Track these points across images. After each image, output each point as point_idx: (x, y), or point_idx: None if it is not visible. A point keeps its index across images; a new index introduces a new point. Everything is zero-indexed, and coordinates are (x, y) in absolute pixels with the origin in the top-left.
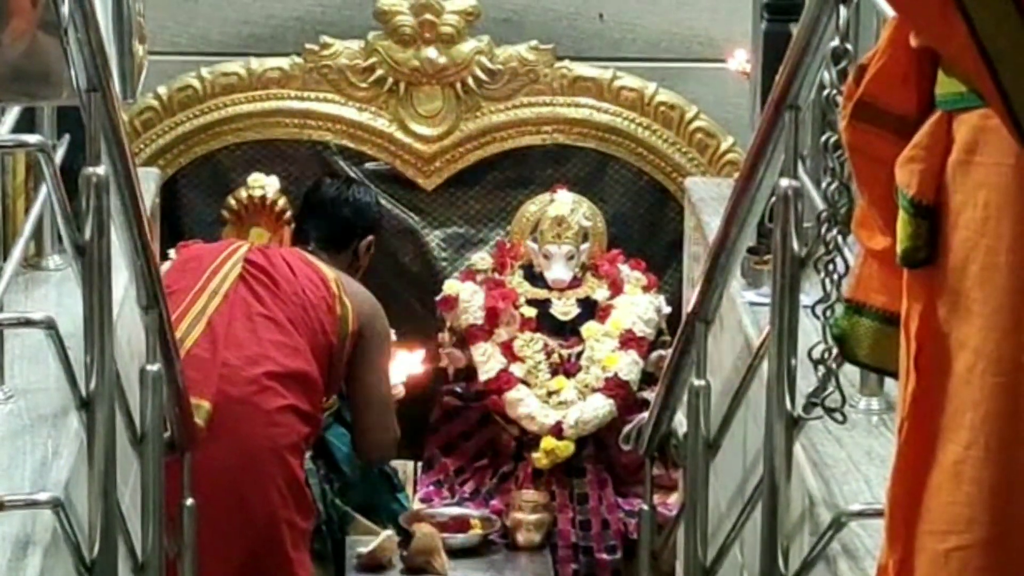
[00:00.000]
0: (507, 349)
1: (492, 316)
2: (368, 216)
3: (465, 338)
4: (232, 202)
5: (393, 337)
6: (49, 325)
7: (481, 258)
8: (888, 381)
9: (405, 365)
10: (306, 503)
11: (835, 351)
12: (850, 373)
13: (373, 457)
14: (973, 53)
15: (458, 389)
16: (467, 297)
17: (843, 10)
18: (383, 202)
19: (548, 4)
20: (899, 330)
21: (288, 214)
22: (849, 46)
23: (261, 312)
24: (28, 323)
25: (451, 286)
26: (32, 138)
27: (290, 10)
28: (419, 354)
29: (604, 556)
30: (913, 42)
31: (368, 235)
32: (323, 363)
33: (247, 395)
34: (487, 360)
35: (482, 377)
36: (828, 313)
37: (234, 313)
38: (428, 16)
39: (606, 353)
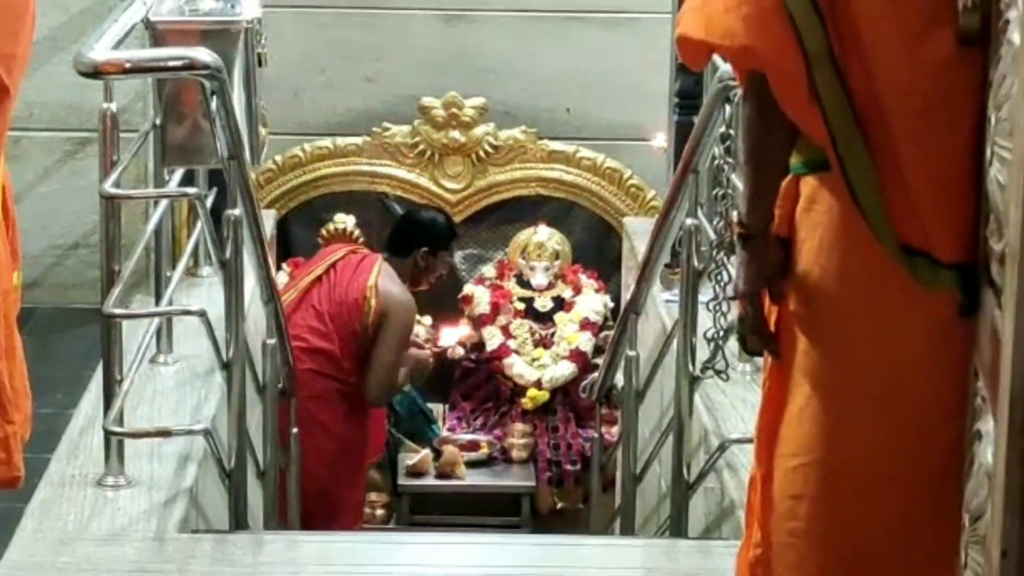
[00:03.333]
0: (505, 330)
1: (495, 308)
2: (421, 231)
3: (477, 323)
4: (324, 232)
5: (428, 321)
6: (202, 314)
7: (488, 270)
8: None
9: (456, 333)
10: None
11: (723, 332)
12: (732, 346)
13: (371, 398)
14: (824, 132)
15: (472, 357)
16: (479, 296)
17: (727, 107)
18: None
19: (533, 102)
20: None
21: (360, 239)
22: (732, 131)
23: (313, 304)
24: (188, 313)
25: (468, 288)
26: (191, 190)
27: (362, 104)
28: (464, 329)
29: (568, 467)
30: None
31: (423, 246)
32: (348, 343)
33: (295, 362)
34: (492, 337)
35: (488, 348)
36: (716, 307)
37: (300, 303)
38: (453, 110)
39: (571, 333)
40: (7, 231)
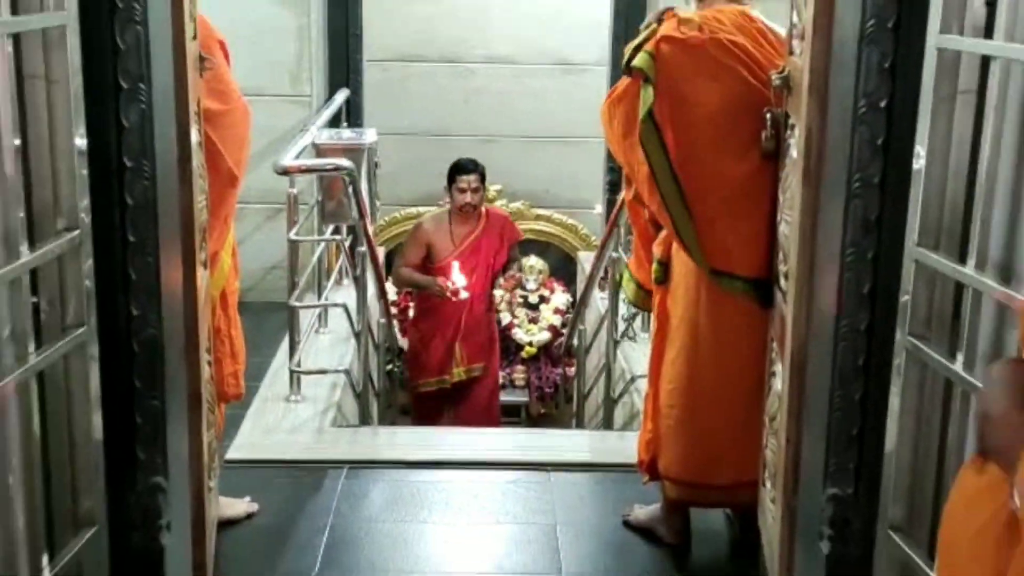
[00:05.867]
0: (512, 313)
1: (508, 302)
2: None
3: (497, 309)
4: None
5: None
6: (344, 306)
7: (503, 280)
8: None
9: (457, 279)
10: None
11: (632, 315)
12: (638, 324)
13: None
14: (662, 208)
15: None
16: (499, 295)
17: None
18: None
19: (528, 186)
20: (648, 294)
21: None
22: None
23: None
24: (336, 305)
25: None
26: (338, 236)
27: (433, 188)
28: (461, 278)
29: (547, 390)
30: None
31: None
32: None
33: None
34: (505, 317)
35: (503, 323)
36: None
37: None
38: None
39: (549, 315)
40: (234, 259)
